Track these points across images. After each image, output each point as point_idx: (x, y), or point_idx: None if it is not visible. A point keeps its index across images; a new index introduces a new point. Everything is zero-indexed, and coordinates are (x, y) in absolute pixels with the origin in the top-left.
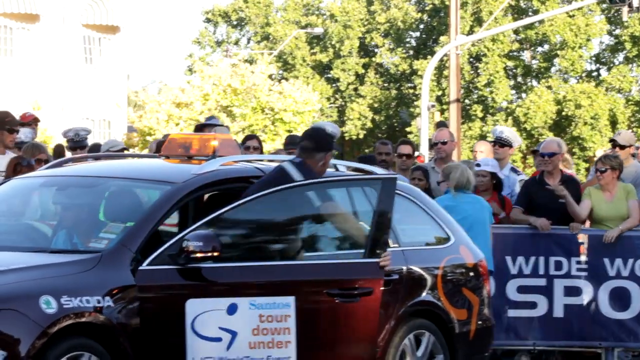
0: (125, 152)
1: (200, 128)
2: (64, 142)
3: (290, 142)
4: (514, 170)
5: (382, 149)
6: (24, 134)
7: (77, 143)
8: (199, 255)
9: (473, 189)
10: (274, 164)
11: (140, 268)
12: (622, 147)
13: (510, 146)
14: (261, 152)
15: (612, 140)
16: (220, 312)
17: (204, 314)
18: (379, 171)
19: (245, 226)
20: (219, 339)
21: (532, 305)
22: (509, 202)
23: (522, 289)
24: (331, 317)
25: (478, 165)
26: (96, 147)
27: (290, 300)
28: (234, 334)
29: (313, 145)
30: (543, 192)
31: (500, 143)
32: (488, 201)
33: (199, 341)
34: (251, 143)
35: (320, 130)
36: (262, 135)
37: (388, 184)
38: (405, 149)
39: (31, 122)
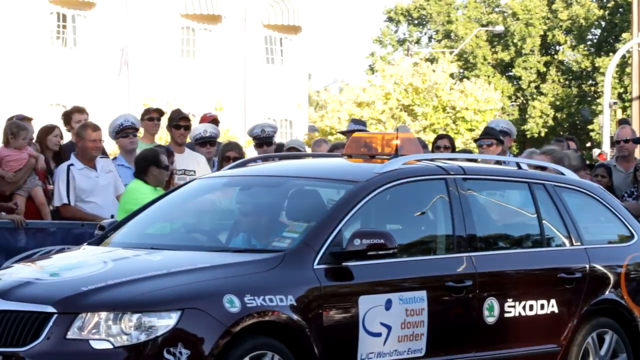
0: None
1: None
2: (247, 141)
3: (486, 133)
4: None
5: (559, 145)
6: (202, 129)
7: (264, 139)
8: (381, 252)
9: None
10: (456, 163)
11: (321, 267)
12: None
13: None
14: (453, 151)
15: None
16: (380, 308)
17: (371, 310)
18: (564, 170)
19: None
20: (379, 334)
21: None
22: None
23: None
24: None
25: None
26: (280, 148)
27: (423, 294)
28: (389, 328)
29: None
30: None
31: None
32: None
33: (366, 337)
34: (442, 142)
35: None
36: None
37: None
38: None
39: (210, 122)
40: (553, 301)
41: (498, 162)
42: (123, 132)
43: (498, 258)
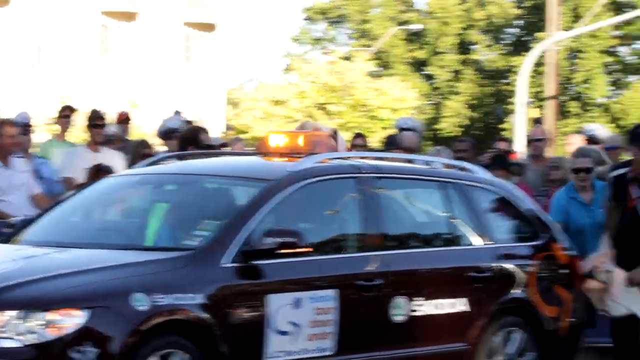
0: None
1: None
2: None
3: (392, 143)
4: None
5: (459, 146)
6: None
7: (170, 133)
8: (286, 250)
9: None
10: (368, 161)
11: (231, 265)
12: None
13: (602, 143)
14: (367, 151)
15: None
16: (290, 307)
17: (280, 308)
18: (473, 168)
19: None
20: (287, 333)
21: None
22: None
23: None
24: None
25: None
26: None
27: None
28: (298, 327)
29: None
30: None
31: (593, 141)
32: None
33: (274, 336)
34: (357, 141)
35: None
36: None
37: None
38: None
39: (123, 120)
40: (463, 300)
41: (410, 161)
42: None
43: (409, 257)
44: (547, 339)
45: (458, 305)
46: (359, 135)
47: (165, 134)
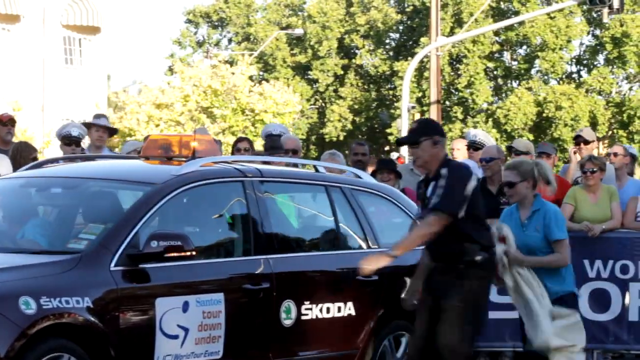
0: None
1: (88, 126)
2: (45, 142)
3: (273, 147)
4: None
5: (358, 149)
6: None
7: (74, 140)
8: (175, 254)
9: None
10: (253, 165)
11: (117, 269)
12: (587, 143)
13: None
14: (252, 154)
15: (577, 137)
16: (177, 310)
17: (168, 312)
18: (360, 173)
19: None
20: (176, 337)
21: (513, 307)
22: None
23: (502, 291)
24: (245, 312)
25: None
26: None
27: (220, 296)
28: (186, 330)
29: None
30: (484, 197)
31: (474, 147)
32: None
33: (163, 339)
34: (242, 145)
35: None
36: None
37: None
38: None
39: (7, 122)
40: (350, 304)
41: (295, 165)
42: None
43: (295, 260)
44: None
45: (345, 309)
46: (243, 139)
47: (63, 139)
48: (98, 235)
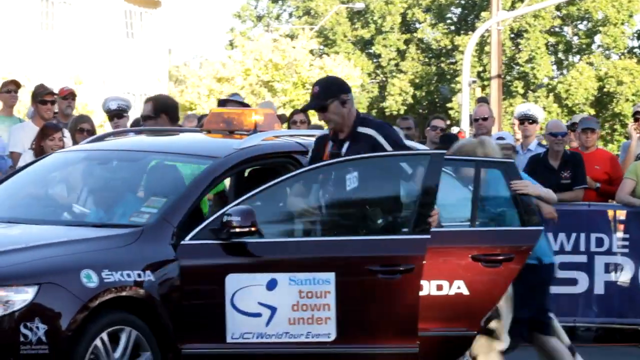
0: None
1: (222, 103)
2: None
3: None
4: (540, 145)
5: (402, 124)
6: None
7: (114, 112)
8: (238, 230)
9: None
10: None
11: (182, 243)
12: None
13: (537, 122)
14: (308, 126)
15: (636, 113)
16: (259, 288)
17: (244, 289)
18: (420, 147)
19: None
20: (258, 315)
21: (573, 282)
22: None
23: (562, 266)
24: (371, 294)
25: (502, 138)
26: (137, 122)
27: (330, 276)
28: (273, 309)
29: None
30: (544, 172)
31: (528, 120)
32: None
33: (238, 316)
34: (298, 117)
35: None
36: None
37: (435, 159)
38: (439, 123)
39: (68, 96)
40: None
41: None
42: None
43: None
44: None
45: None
46: (299, 112)
47: (107, 113)
48: (160, 208)
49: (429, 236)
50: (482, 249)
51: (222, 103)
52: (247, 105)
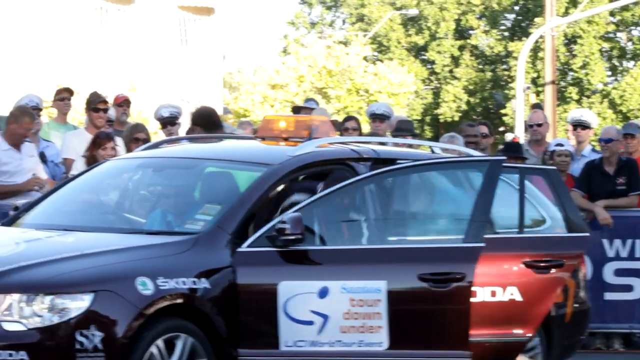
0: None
1: (297, 110)
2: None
3: (399, 129)
4: (595, 151)
5: (469, 131)
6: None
7: (167, 120)
8: (292, 237)
9: None
10: (369, 146)
11: (239, 250)
12: None
13: (590, 128)
14: (360, 133)
15: None
16: (312, 296)
17: (296, 296)
18: (475, 154)
19: (342, 209)
20: (311, 323)
21: (629, 288)
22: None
23: (618, 272)
24: (423, 303)
25: (560, 145)
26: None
27: (382, 284)
28: (325, 317)
29: None
30: (599, 178)
31: (582, 126)
32: (566, 182)
33: (291, 324)
34: (350, 124)
35: None
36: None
37: (494, 166)
38: (482, 129)
39: (123, 103)
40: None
41: (410, 146)
42: None
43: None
44: (552, 324)
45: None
46: (350, 118)
47: (160, 121)
48: (214, 216)
49: (483, 244)
50: (533, 255)
51: (296, 110)
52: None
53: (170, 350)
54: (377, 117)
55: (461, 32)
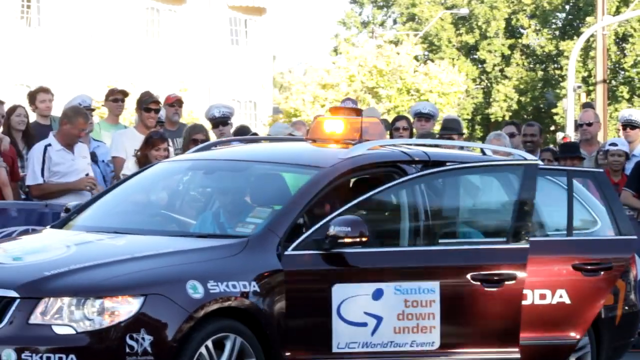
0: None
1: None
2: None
3: (446, 127)
4: None
5: (527, 130)
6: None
7: (219, 120)
8: (345, 240)
9: None
10: (421, 148)
11: (286, 253)
12: None
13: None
14: (411, 132)
15: None
16: (365, 297)
17: (350, 299)
18: (527, 156)
19: (391, 211)
20: (364, 324)
21: None
22: None
23: None
24: (475, 303)
25: (614, 144)
26: (243, 130)
27: (435, 285)
28: (379, 319)
29: None
30: None
31: (631, 125)
32: (619, 182)
33: (344, 326)
34: (400, 124)
35: None
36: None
37: (530, 169)
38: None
39: (174, 103)
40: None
41: (462, 148)
42: None
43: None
44: (602, 327)
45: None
46: (401, 118)
47: (211, 121)
48: (265, 219)
49: (528, 245)
50: (581, 258)
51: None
52: (359, 111)
53: (219, 350)
54: (423, 116)
55: (512, 31)
